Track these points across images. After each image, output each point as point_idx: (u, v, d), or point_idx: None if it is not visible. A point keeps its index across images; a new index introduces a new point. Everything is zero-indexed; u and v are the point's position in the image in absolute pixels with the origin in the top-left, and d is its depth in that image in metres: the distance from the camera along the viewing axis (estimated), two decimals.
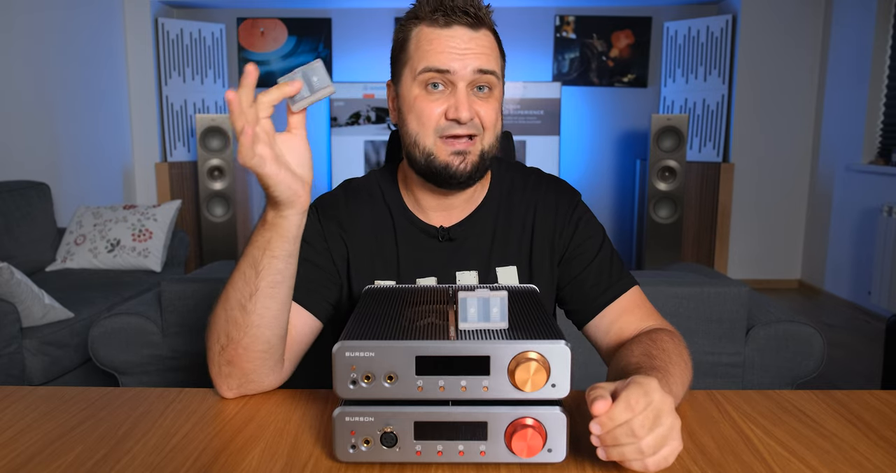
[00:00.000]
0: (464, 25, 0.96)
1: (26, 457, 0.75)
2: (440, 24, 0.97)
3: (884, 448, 0.78)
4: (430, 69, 0.96)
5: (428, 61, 0.96)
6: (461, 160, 0.98)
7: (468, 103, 0.96)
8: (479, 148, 0.99)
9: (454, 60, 0.95)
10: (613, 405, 0.67)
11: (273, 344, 0.89)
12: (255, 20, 5.08)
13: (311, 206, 1.10)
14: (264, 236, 0.84)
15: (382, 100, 4.88)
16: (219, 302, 0.89)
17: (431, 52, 0.96)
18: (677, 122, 4.37)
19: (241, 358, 0.88)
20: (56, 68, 3.80)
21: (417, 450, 0.71)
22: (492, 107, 0.99)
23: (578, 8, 5.01)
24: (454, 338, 0.71)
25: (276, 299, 0.86)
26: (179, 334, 1.80)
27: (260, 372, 0.90)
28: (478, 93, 0.98)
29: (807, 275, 4.78)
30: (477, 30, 0.97)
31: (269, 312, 0.86)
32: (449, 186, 1.01)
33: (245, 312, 0.86)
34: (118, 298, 2.81)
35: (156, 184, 4.77)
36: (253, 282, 0.85)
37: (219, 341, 0.89)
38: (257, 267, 0.84)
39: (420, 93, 0.98)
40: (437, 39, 0.96)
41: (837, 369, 3.12)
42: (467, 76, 0.96)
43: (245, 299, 0.85)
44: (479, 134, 0.99)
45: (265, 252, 0.84)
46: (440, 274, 1.07)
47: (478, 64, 0.96)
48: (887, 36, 4.02)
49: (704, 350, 1.77)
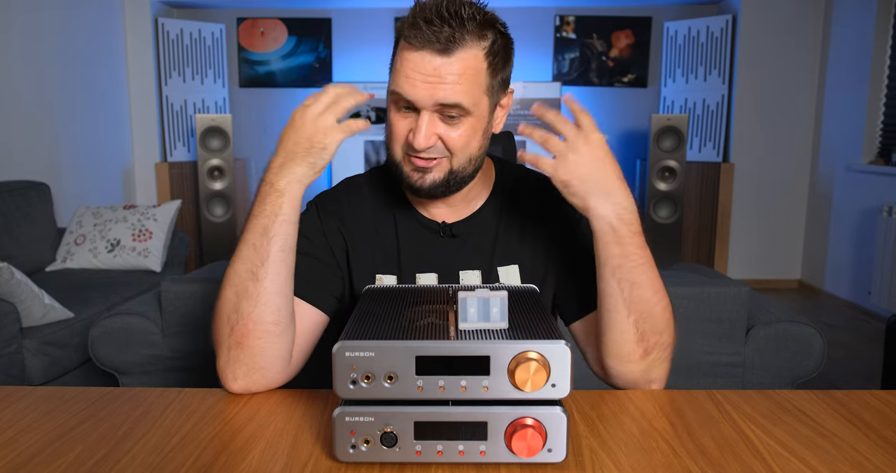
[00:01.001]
0: (432, 52, 0.92)
1: (26, 457, 0.75)
2: (413, 45, 0.92)
3: (884, 448, 0.78)
4: (396, 94, 0.96)
5: (396, 84, 0.95)
6: (420, 176, 1.00)
7: (427, 132, 0.95)
8: (447, 167, 0.99)
9: (418, 90, 0.93)
10: None
11: (283, 316, 0.91)
12: (255, 20, 5.08)
13: (311, 202, 1.11)
14: (276, 203, 0.90)
15: (382, 101, 4.87)
16: (225, 282, 0.92)
17: (401, 76, 0.94)
18: (677, 122, 4.37)
19: (252, 335, 0.89)
20: (56, 68, 3.80)
21: (417, 450, 0.71)
22: (461, 134, 0.97)
23: (578, 8, 5.01)
24: (454, 338, 0.71)
25: (286, 263, 0.91)
26: (179, 334, 1.80)
27: (269, 353, 0.90)
28: (446, 118, 0.96)
29: (807, 275, 4.78)
30: (449, 55, 0.92)
31: (280, 278, 0.91)
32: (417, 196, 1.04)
33: (257, 279, 0.89)
34: (118, 298, 2.81)
35: (156, 184, 4.77)
36: (265, 249, 0.89)
37: (228, 321, 0.91)
38: (268, 233, 0.89)
39: (392, 108, 0.99)
40: (408, 61, 0.93)
41: (837, 369, 3.12)
42: (429, 107, 0.94)
43: (257, 267, 0.89)
44: (445, 156, 0.98)
45: (277, 217, 0.90)
46: (441, 270, 1.07)
47: (441, 96, 0.93)
48: (887, 36, 4.02)
49: (704, 350, 1.77)
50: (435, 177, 0.99)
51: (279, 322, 0.91)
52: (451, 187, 1.01)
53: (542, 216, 1.09)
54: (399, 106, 0.97)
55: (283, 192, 0.90)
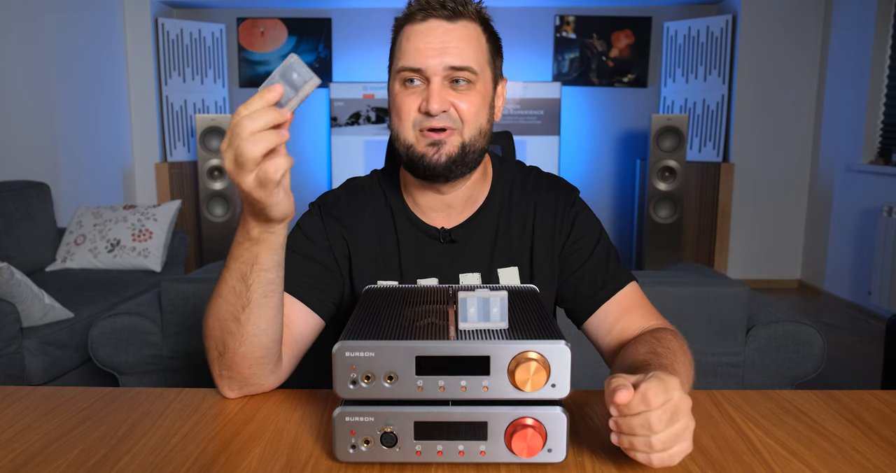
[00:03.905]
0: (440, 18, 0.97)
1: (26, 457, 0.75)
2: (418, 19, 0.97)
3: (884, 448, 0.78)
4: (406, 68, 0.97)
5: (404, 60, 0.97)
6: (435, 151, 0.98)
7: (440, 96, 0.96)
8: (459, 140, 0.99)
9: (427, 58, 0.96)
10: (633, 395, 0.67)
11: (270, 349, 0.89)
12: (255, 20, 5.08)
13: (314, 204, 1.11)
14: (251, 252, 0.82)
15: (382, 101, 4.88)
16: (210, 313, 0.88)
17: (408, 51, 0.97)
18: (677, 122, 4.37)
19: (240, 365, 0.88)
20: (56, 68, 3.80)
21: (417, 450, 0.71)
22: (471, 100, 0.98)
23: (578, 8, 5.01)
24: (454, 338, 0.71)
25: (269, 307, 0.86)
26: (179, 334, 1.80)
27: (259, 375, 0.90)
28: (455, 85, 0.98)
29: (807, 275, 4.78)
30: (454, 21, 0.97)
31: (264, 320, 0.86)
32: (431, 179, 1.01)
33: (239, 323, 0.85)
34: (118, 298, 2.81)
35: (156, 184, 4.77)
36: (244, 296, 0.84)
37: (216, 348, 0.89)
38: (247, 281, 0.83)
39: (399, 90, 0.99)
40: (414, 36, 0.97)
41: (837, 369, 3.12)
42: (440, 72, 0.96)
43: (238, 311, 0.85)
44: (457, 127, 0.98)
45: (254, 266, 0.82)
46: (442, 275, 1.07)
47: (450, 60, 0.96)
48: (887, 36, 4.02)
49: (704, 350, 1.77)
50: (450, 150, 0.98)
51: (267, 354, 0.89)
52: (465, 163, 1.00)
53: (541, 215, 1.09)
54: (406, 82, 0.98)
55: (257, 241, 0.81)
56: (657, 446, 0.67)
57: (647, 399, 0.67)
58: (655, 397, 0.67)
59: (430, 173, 1.00)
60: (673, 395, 0.67)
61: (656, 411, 0.66)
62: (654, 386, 0.67)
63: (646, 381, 0.68)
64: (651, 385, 0.67)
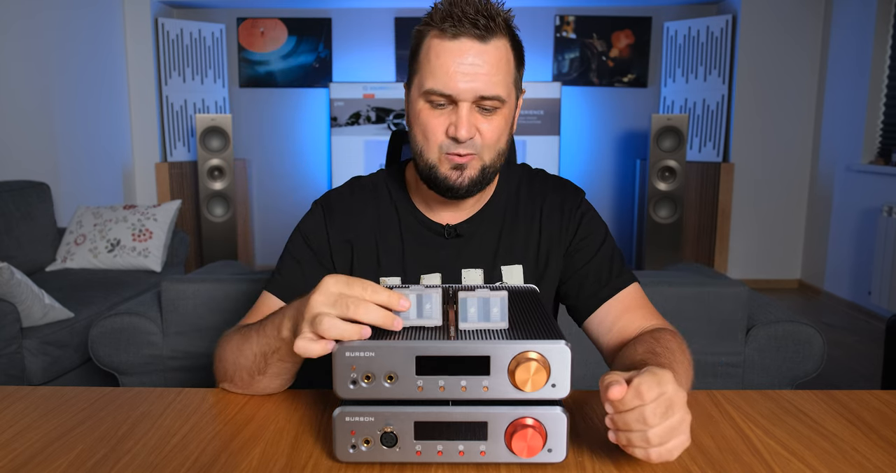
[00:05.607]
0: (472, 37, 0.93)
1: (26, 457, 0.75)
2: (448, 35, 0.93)
3: (884, 448, 0.78)
4: (435, 92, 0.95)
5: (433, 82, 0.94)
6: (459, 174, 0.99)
7: (469, 123, 0.95)
8: (480, 164, 0.99)
9: (458, 82, 0.93)
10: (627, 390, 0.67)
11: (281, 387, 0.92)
12: (255, 20, 5.08)
13: (317, 202, 1.11)
14: (276, 343, 0.83)
15: (382, 101, 4.88)
16: (229, 346, 0.91)
17: (438, 71, 0.94)
18: (677, 122, 4.37)
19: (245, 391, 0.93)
20: (56, 68, 3.80)
21: (417, 450, 0.71)
22: (495, 126, 0.98)
23: (578, 8, 5.01)
24: (454, 338, 0.71)
25: (281, 378, 0.90)
26: (179, 334, 1.80)
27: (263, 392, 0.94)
28: (482, 111, 0.97)
29: (807, 275, 4.78)
30: (486, 42, 0.93)
31: (274, 384, 0.90)
32: (449, 197, 1.02)
33: (253, 378, 0.89)
34: (118, 298, 2.81)
35: (156, 184, 4.77)
36: (262, 366, 0.87)
37: (225, 371, 0.92)
38: (266, 359, 0.86)
39: (424, 108, 0.98)
40: (444, 54, 0.94)
41: (837, 369, 3.12)
42: (469, 99, 0.95)
43: (254, 371, 0.88)
44: (478, 152, 0.98)
45: (275, 354, 0.84)
46: (445, 270, 1.07)
47: (481, 89, 0.94)
48: (887, 36, 4.02)
49: (704, 350, 1.77)
50: (471, 173, 0.99)
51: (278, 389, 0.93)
52: (483, 185, 1.01)
53: (547, 214, 1.10)
54: (434, 104, 0.96)
55: (286, 341, 0.81)
56: (654, 440, 0.67)
57: (640, 394, 0.66)
58: (648, 391, 0.66)
59: (451, 194, 1.01)
60: (667, 388, 0.67)
61: (650, 405, 0.66)
62: (647, 380, 0.67)
63: (638, 376, 0.68)
64: (644, 379, 0.67)
